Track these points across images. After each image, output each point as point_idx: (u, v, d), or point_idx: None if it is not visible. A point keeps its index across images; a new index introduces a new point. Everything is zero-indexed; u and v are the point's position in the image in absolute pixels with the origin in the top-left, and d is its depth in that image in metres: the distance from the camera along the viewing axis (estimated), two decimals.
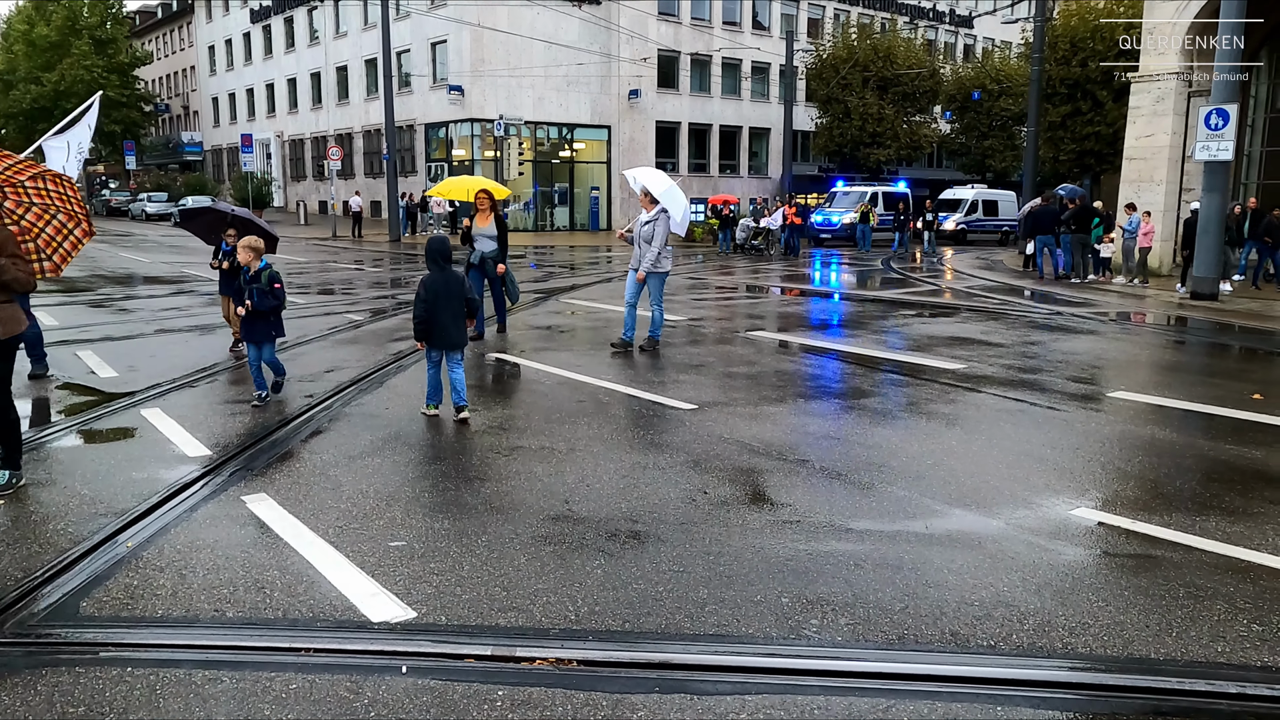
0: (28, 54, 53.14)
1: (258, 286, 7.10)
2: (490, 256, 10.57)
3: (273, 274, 7.18)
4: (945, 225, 36.44)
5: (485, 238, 10.51)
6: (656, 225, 9.62)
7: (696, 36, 43.80)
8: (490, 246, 10.53)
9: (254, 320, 7.21)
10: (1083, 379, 8.75)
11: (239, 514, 4.86)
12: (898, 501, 5.12)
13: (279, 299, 7.23)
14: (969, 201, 38.04)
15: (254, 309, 7.11)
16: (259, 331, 7.26)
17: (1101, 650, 3.47)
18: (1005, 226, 38.48)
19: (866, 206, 32.20)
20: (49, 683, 3.19)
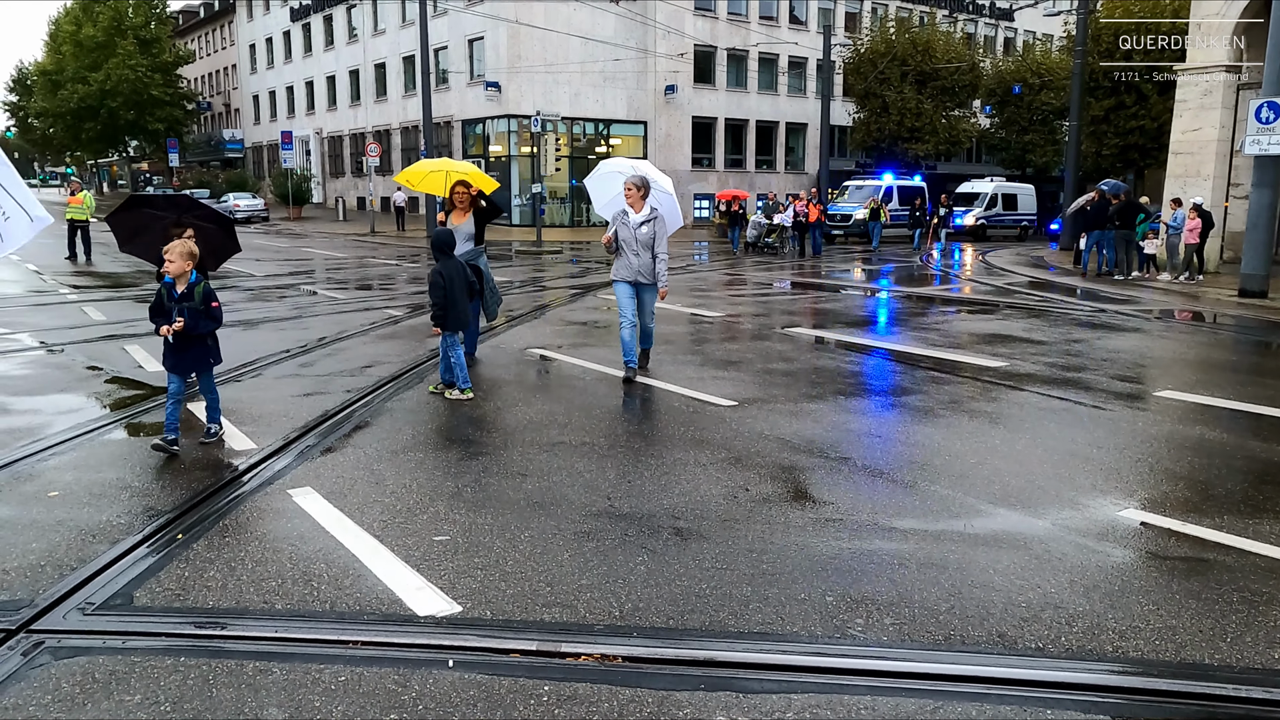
0: (75, 54, 54.18)
1: (190, 306, 5.78)
2: (468, 261, 8.49)
3: (208, 290, 5.87)
4: (964, 220, 35.44)
5: (464, 238, 8.71)
6: (655, 226, 8.12)
7: (733, 31, 43.62)
8: (468, 248, 8.70)
9: (187, 345, 5.86)
10: (1128, 377, 8.61)
11: (285, 507, 4.93)
12: (941, 500, 5.07)
13: (217, 320, 5.96)
14: (988, 195, 36.90)
15: (186, 331, 5.76)
16: (193, 359, 5.96)
17: (1153, 655, 3.41)
18: (1024, 221, 37.64)
19: (876, 202, 30.74)
20: (105, 670, 3.26)
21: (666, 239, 8.23)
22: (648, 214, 8.07)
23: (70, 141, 61.79)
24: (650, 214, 8.08)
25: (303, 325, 11.60)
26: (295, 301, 14.31)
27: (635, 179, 8.06)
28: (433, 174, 9.68)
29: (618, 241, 8.11)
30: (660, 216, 8.16)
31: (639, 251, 8.06)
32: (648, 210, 8.08)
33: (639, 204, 8.07)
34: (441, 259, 7.34)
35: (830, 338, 11.24)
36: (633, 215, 8.08)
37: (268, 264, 21.46)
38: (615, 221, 8.13)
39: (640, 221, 8.07)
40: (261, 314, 12.72)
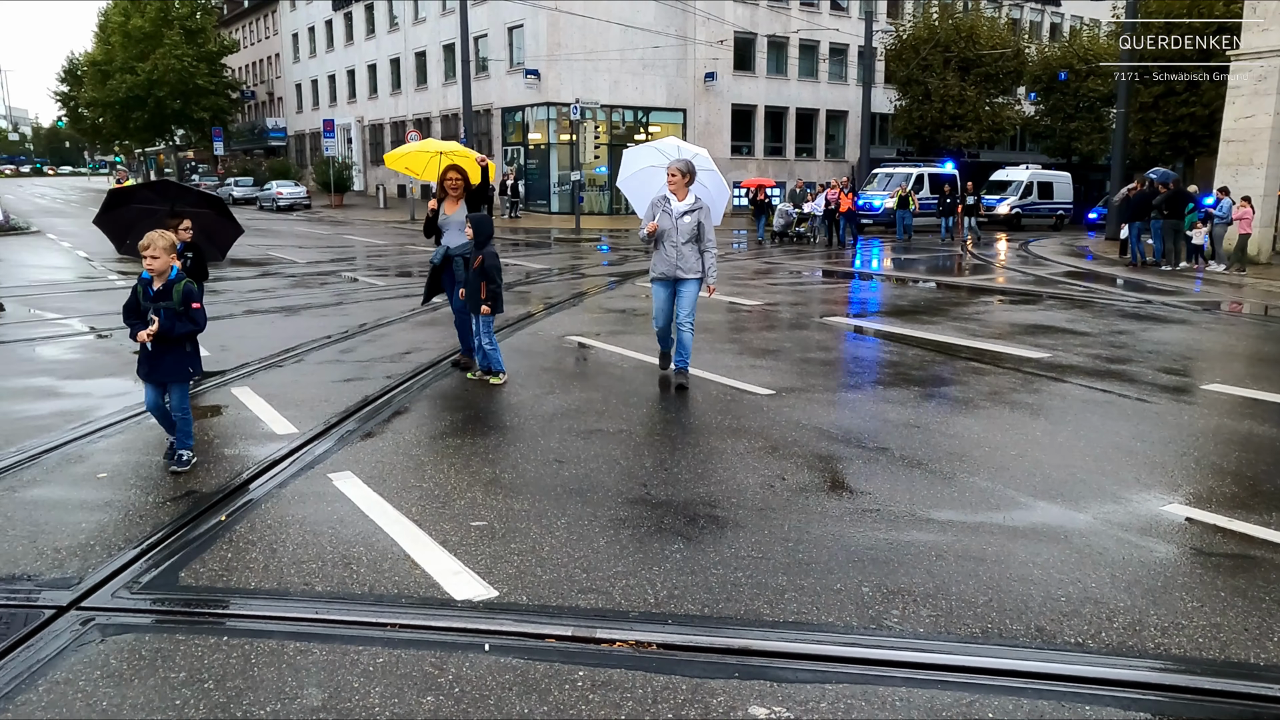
0: (123, 45, 55.08)
1: (166, 305, 5.09)
2: (461, 254, 7.83)
3: (188, 288, 5.18)
4: (998, 209, 34.21)
5: (456, 229, 7.83)
6: (701, 216, 7.27)
7: (773, 18, 43.25)
8: (462, 241, 7.76)
9: (162, 352, 5.15)
10: (1174, 370, 8.44)
11: (325, 491, 5.00)
12: (980, 492, 5.02)
13: (197, 323, 5.23)
14: (1023, 183, 35.55)
15: (161, 334, 5.09)
16: (168, 368, 5.22)
17: (1196, 653, 3.36)
18: (1060, 210, 36.41)
19: (905, 190, 29.63)
20: (151, 648, 3.34)
21: (713, 230, 7.42)
22: (692, 203, 7.24)
23: (119, 131, 62.87)
24: (695, 203, 7.25)
25: (344, 312, 11.74)
26: (336, 288, 14.48)
27: (680, 163, 7.28)
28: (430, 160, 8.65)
29: (658, 233, 7.26)
30: (706, 206, 7.35)
31: (679, 244, 7.23)
32: (692, 198, 7.26)
33: (683, 191, 7.23)
34: (490, 245, 7.42)
35: (869, 327, 11.14)
36: (675, 203, 7.24)
37: (310, 251, 21.72)
38: (655, 209, 7.26)
39: (684, 210, 7.21)
40: (303, 300, 12.89)
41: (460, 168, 7.93)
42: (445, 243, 7.91)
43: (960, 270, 19.62)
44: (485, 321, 7.45)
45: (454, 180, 7.83)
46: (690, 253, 7.26)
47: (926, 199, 31.46)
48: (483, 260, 7.27)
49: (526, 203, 39.09)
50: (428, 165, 8.58)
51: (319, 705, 2.97)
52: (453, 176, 7.83)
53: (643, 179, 8.03)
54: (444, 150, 8.50)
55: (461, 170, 7.91)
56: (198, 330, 5.27)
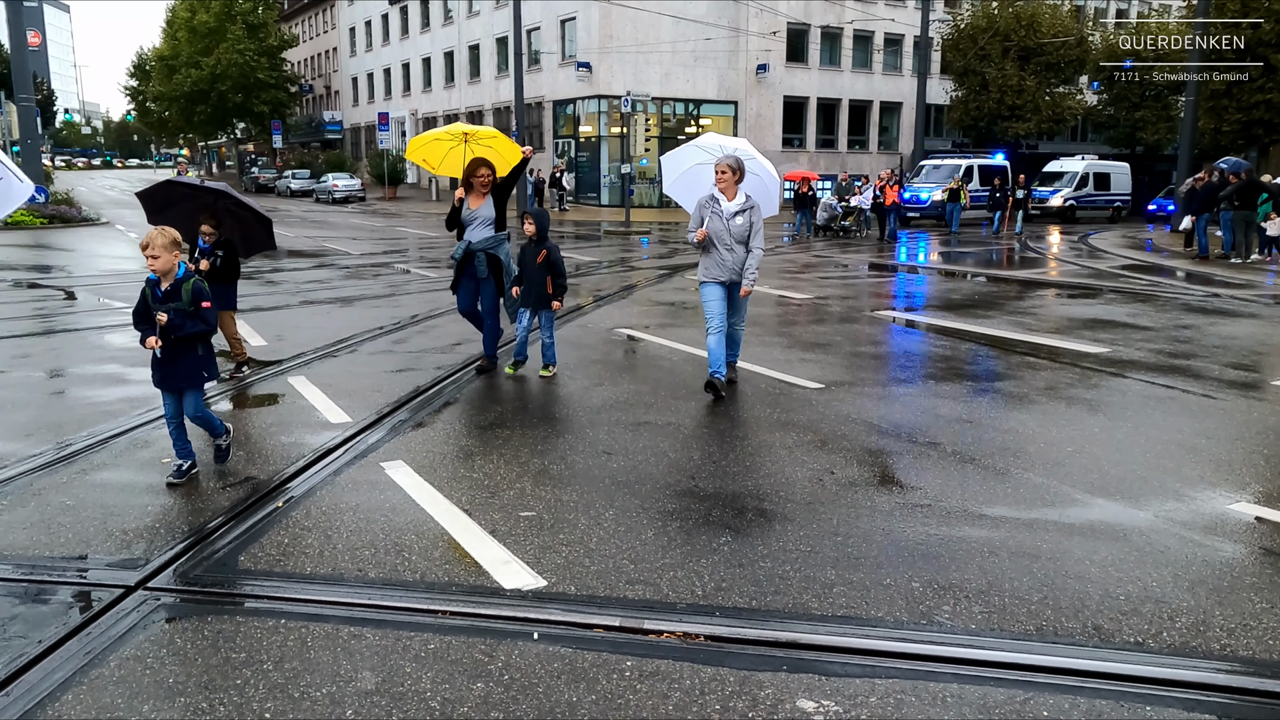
0: (189, 40, 56.48)
1: (176, 305, 4.79)
2: (486, 250, 7.46)
3: (198, 286, 4.86)
4: (1051, 201, 33.24)
5: (481, 224, 7.47)
6: (752, 216, 6.83)
7: (828, 9, 42.75)
8: (486, 235, 7.44)
9: (175, 356, 4.89)
10: (1243, 365, 8.19)
11: (378, 479, 5.08)
12: (1035, 489, 4.93)
13: (209, 323, 4.92)
14: (1079, 174, 34.39)
15: (171, 335, 4.79)
16: (182, 372, 4.94)
17: (1265, 655, 3.26)
18: (1117, 202, 35.33)
19: (958, 183, 28.38)
20: (214, 629, 3.43)
21: (764, 231, 6.98)
22: (743, 202, 6.78)
23: (183, 124, 64.49)
24: (746, 202, 6.79)
25: (396, 303, 11.90)
26: (389, 280, 14.69)
27: (729, 160, 6.78)
28: (451, 150, 8.04)
29: (709, 236, 6.81)
30: (757, 205, 6.89)
31: (732, 246, 6.77)
32: (742, 197, 6.81)
33: (732, 190, 6.77)
34: (546, 238, 7.43)
35: (920, 321, 10.99)
36: (725, 203, 6.77)
37: (364, 243, 22.05)
38: (703, 211, 6.83)
39: (735, 211, 6.74)
40: (357, 292, 13.10)
41: (488, 161, 7.49)
42: (468, 238, 7.47)
43: (1015, 263, 19.25)
44: (549, 316, 7.50)
45: (485, 176, 7.43)
46: (744, 255, 6.87)
47: (976, 191, 30.46)
48: (548, 254, 7.26)
49: (577, 195, 39.24)
50: (447, 156, 8.02)
51: (372, 689, 3.03)
52: (483, 172, 7.42)
53: (691, 179, 7.60)
54: (470, 133, 7.95)
55: (490, 165, 7.48)
56: (209, 330, 4.96)
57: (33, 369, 8.06)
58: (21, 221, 25.21)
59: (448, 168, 8.10)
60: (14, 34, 25.49)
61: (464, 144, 7.92)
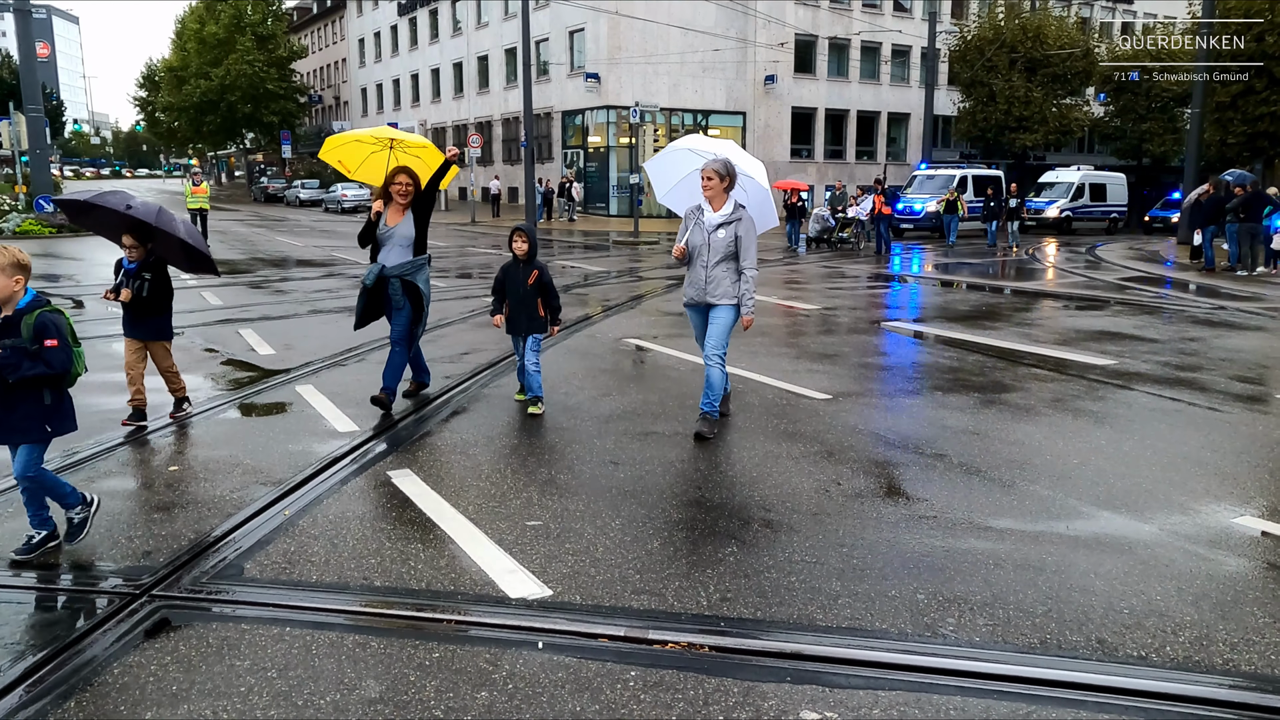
0: (198, 51, 56.88)
1: (14, 342, 3.93)
2: (403, 275, 6.52)
3: (42, 321, 3.99)
4: (1046, 212, 32.79)
5: (399, 245, 6.51)
6: (739, 229, 5.93)
7: (835, 20, 42.90)
8: (404, 259, 6.51)
9: (8, 402, 3.99)
10: (1249, 378, 8.18)
11: (385, 488, 5.10)
12: (1040, 501, 4.93)
13: (51, 365, 3.98)
14: (1073, 185, 33.96)
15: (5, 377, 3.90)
16: (16, 422, 4.03)
17: (1268, 670, 3.25)
18: (1114, 213, 34.99)
19: (954, 194, 27.34)
20: (219, 636, 3.44)
21: (755, 245, 6.03)
22: (730, 212, 5.97)
23: (192, 134, 64.88)
24: (733, 213, 5.97)
25: None
26: None
27: (717, 164, 5.98)
28: (373, 154, 7.16)
29: (688, 252, 6.09)
30: (746, 216, 6.02)
31: (709, 263, 5.98)
32: (730, 207, 5.99)
33: (720, 198, 6.00)
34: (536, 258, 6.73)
35: (928, 332, 10.99)
36: (708, 213, 6.03)
37: None
38: (688, 221, 6.13)
39: (718, 223, 5.95)
40: None
41: (410, 171, 6.59)
42: (382, 260, 6.49)
43: (1022, 275, 19.24)
44: (536, 340, 6.68)
45: (404, 186, 6.48)
46: (724, 274, 5.99)
47: (971, 202, 29.65)
48: (539, 275, 6.58)
49: (585, 205, 39.34)
50: (367, 161, 7.20)
51: (377, 697, 3.04)
52: (402, 180, 6.49)
53: (687, 188, 6.69)
54: (397, 140, 7.10)
55: (413, 174, 6.58)
56: (52, 374, 3.99)
57: None
58: (30, 231, 25.38)
59: (366, 173, 7.27)
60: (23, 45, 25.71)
61: (389, 150, 7.11)
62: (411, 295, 6.59)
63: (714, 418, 6.19)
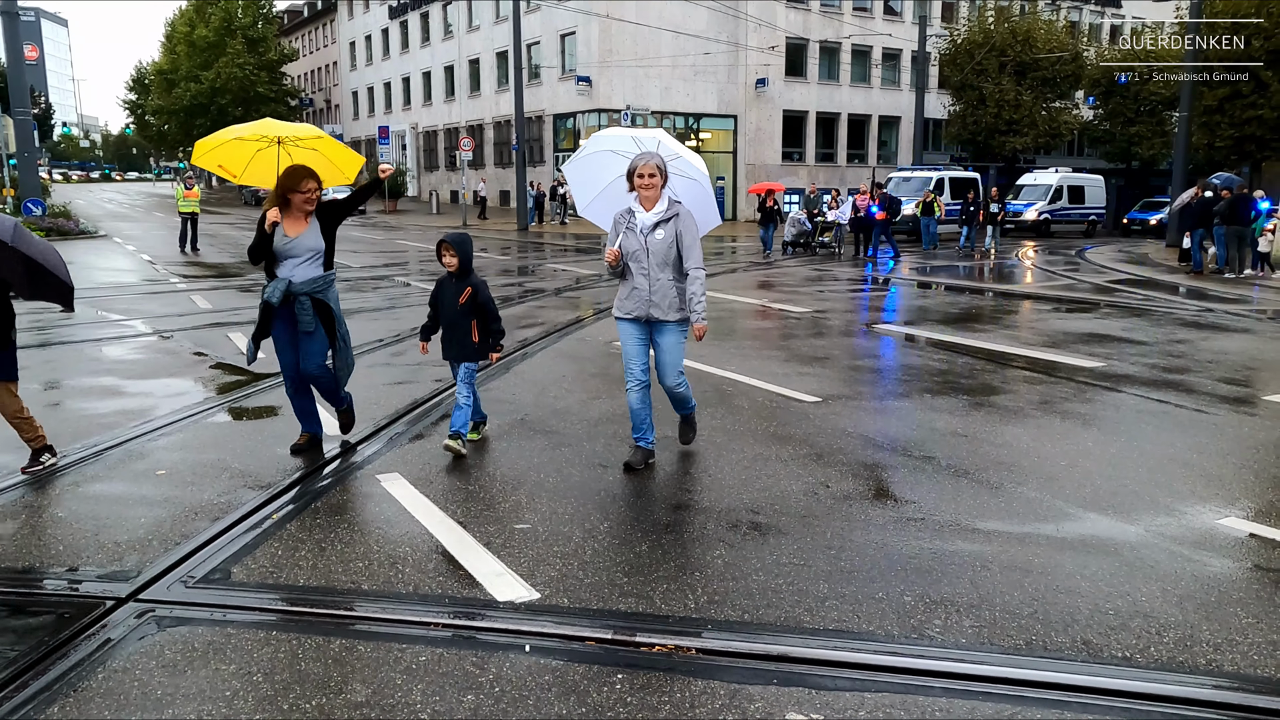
0: (188, 54, 56.76)
1: None
2: (312, 293, 5.52)
3: None
4: (1025, 215, 32.54)
5: (306, 259, 5.53)
6: (677, 227, 5.26)
7: (826, 23, 43.01)
8: (312, 275, 5.54)
9: None
10: (1235, 380, 8.22)
11: (374, 492, 5.09)
12: (1028, 503, 4.95)
13: None
14: (1052, 187, 33.74)
15: None
16: None
17: (1251, 670, 3.27)
18: (1092, 215, 34.86)
19: (931, 196, 26.84)
20: (204, 640, 3.43)
21: (699, 243, 5.35)
22: (663, 210, 5.26)
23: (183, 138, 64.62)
24: (667, 209, 5.26)
25: (395, 316, 11.93)
26: (389, 292, 14.71)
27: (646, 159, 5.21)
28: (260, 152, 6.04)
29: (623, 258, 5.37)
30: (684, 210, 5.32)
31: (649, 270, 5.27)
32: (664, 205, 5.27)
33: (654, 196, 5.26)
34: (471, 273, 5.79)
35: (918, 335, 11.02)
36: (641, 215, 5.29)
37: (363, 255, 22.09)
38: (618, 227, 5.36)
39: (653, 222, 5.25)
40: (356, 304, 13.11)
41: (314, 173, 5.58)
42: (287, 276, 5.48)
43: (1012, 278, 19.32)
44: (469, 371, 5.80)
45: (309, 192, 5.52)
46: (669, 283, 5.29)
47: (949, 204, 28.96)
48: (474, 292, 5.68)
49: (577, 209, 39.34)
50: (253, 162, 6.08)
51: (363, 701, 3.04)
52: (308, 187, 5.51)
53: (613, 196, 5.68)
54: (286, 136, 5.97)
55: (317, 177, 5.58)
56: None
57: (29, 381, 8.06)
58: None
59: (254, 175, 6.14)
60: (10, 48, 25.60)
61: (276, 146, 6.00)
62: (324, 317, 5.61)
63: (693, 413, 5.90)
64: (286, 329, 5.59)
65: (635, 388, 5.45)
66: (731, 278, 17.87)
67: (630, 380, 5.47)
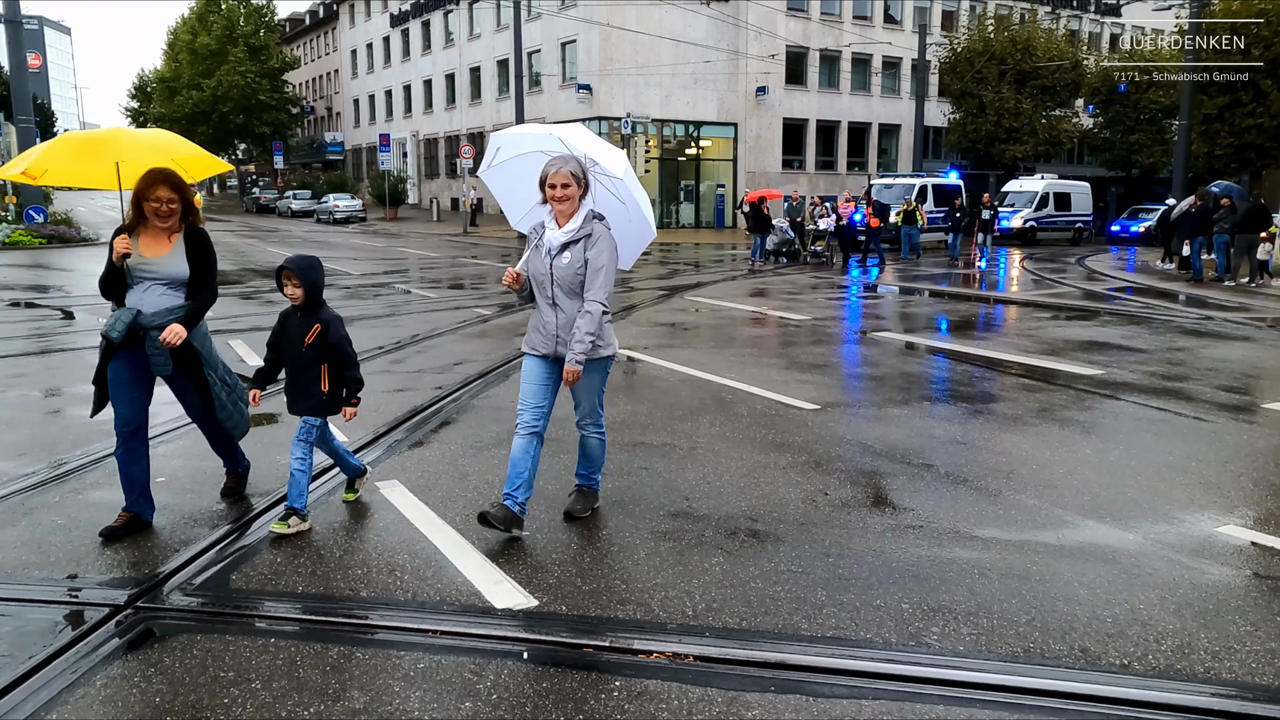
0: (191, 62, 56.92)
1: None
2: (158, 325, 4.43)
3: None
4: (1010, 223, 32.00)
5: (162, 286, 4.51)
6: (588, 250, 4.34)
7: (826, 32, 43.14)
8: (166, 306, 4.50)
9: None
10: (1234, 388, 8.23)
11: (373, 499, 5.10)
12: (1026, 510, 4.95)
13: None
14: (1038, 194, 33.28)
15: None
16: None
17: (1249, 678, 3.27)
18: (1079, 223, 34.52)
19: (913, 204, 26.35)
20: (202, 648, 3.44)
21: (613, 274, 4.40)
22: (576, 228, 4.36)
23: None
24: (580, 228, 4.36)
25: (395, 323, 11.94)
26: (389, 300, 14.73)
27: (558, 165, 4.31)
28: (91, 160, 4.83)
29: (528, 281, 4.53)
30: (602, 232, 4.39)
31: (555, 299, 4.43)
32: (578, 222, 4.37)
33: (570, 208, 4.36)
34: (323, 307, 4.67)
35: (918, 343, 11.03)
36: (550, 232, 4.44)
37: (364, 263, 22.13)
38: (531, 241, 4.54)
39: (562, 242, 4.37)
40: (356, 312, 13.14)
41: (174, 179, 4.49)
42: (133, 303, 4.47)
43: (1012, 286, 19.33)
44: (308, 428, 4.64)
45: (166, 203, 4.44)
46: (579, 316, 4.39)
47: (931, 213, 28.26)
48: (323, 331, 4.57)
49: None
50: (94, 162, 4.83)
51: (360, 708, 3.04)
52: (161, 196, 4.43)
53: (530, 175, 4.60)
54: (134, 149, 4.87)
55: (177, 185, 4.50)
56: None
57: (28, 388, 8.09)
58: (20, 241, 25.32)
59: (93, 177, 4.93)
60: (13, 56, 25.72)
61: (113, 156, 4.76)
62: (185, 360, 4.58)
63: (594, 490, 4.94)
64: (128, 371, 4.51)
65: (523, 432, 4.54)
66: (730, 285, 17.89)
67: (519, 425, 4.56)
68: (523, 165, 4.72)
